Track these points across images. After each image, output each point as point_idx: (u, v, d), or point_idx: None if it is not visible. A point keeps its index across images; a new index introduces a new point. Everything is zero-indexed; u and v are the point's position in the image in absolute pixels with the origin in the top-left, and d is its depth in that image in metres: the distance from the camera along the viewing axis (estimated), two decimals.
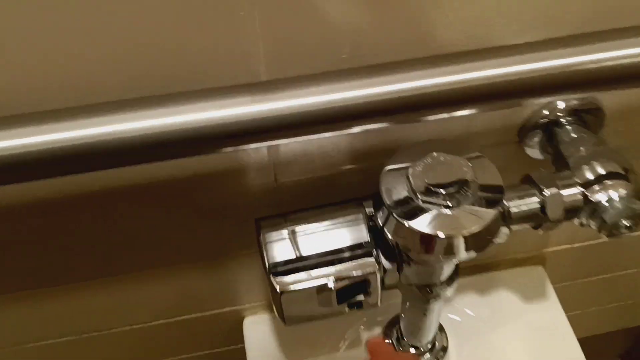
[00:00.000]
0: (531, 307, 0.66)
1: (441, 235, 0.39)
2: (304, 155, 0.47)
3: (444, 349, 0.61)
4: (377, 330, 0.64)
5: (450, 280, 0.48)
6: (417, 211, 0.40)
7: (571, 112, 0.47)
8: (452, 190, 0.39)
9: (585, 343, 0.64)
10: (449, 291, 0.48)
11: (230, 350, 0.73)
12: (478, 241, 0.40)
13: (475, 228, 0.39)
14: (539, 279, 0.68)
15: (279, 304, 0.45)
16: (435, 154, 0.40)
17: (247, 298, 0.63)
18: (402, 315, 0.56)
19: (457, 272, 0.48)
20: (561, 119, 0.47)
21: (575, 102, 0.46)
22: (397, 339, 0.60)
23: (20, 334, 0.62)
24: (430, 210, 0.39)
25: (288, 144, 0.46)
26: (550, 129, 0.48)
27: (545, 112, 0.47)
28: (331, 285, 0.43)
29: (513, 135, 0.49)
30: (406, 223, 0.39)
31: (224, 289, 0.61)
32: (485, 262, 0.67)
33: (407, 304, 0.53)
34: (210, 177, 0.47)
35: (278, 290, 0.43)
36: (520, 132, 0.49)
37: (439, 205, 0.39)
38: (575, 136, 0.46)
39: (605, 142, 0.47)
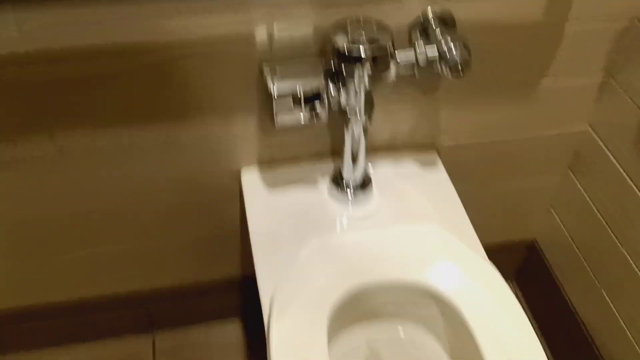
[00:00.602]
0: (426, 174, 1.01)
1: (363, 54, 0.75)
2: (289, 37, 0.82)
3: (369, 186, 0.95)
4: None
5: (369, 108, 0.83)
6: (350, 45, 0.76)
7: (436, 18, 0.85)
8: (368, 36, 0.76)
9: None
10: (369, 115, 0.84)
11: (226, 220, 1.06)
12: (380, 63, 0.76)
13: (378, 53, 0.75)
14: (433, 159, 1.03)
15: (272, 110, 0.79)
16: (360, 17, 0.77)
17: (244, 156, 0.97)
18: (342, 152, 0.90)
19: (372, 105, 0.84)
20: (431, 21, 0.85)
21: (437, 10, 0.84)
22: (339, 178, 0.94)
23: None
24: (358, 44, 0.76)
25: (281, 32, 0.81)
26: (425, 27, 0.85)
27: (421, 18, 0.84)
28: (300, 93, 0.78)
29: (405, 34, 0.86)
30: (346, 52, 0.75)
31: (226, 144, 0.94)
32: (392, 145, 1.02)
33: (346, 136, 0.87)
34: (230, 43, 0.81)
35: (273, 95, 0.78)
36: (408, 30, 0.86)
37: (363, 43, 0.76)
38: (439, 30, 0.84)
39: (456, 33, 0.84)
